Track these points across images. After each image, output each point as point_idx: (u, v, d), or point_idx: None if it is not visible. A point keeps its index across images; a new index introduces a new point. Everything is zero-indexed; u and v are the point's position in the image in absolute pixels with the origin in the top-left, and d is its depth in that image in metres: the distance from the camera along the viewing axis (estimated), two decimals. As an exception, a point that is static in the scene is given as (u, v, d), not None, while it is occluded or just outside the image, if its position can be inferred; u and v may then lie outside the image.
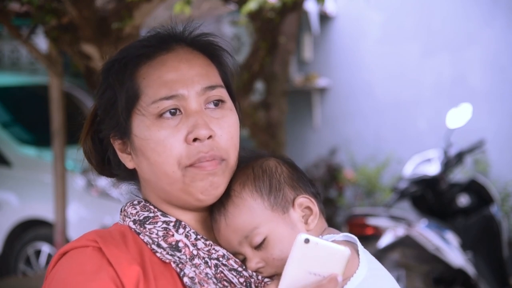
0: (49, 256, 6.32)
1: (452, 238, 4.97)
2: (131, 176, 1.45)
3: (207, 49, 1.42)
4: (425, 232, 4.83)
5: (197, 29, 1.44)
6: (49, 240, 6.17)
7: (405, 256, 4.83)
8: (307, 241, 1.19)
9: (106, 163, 1.47)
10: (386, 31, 8.29)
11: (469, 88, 7.87)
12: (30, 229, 6.45)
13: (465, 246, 5.08)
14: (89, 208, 6.37)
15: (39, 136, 6.84)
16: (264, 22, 5.26)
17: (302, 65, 8.78)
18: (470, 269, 4.85)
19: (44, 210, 6.25)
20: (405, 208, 6.43)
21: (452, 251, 4.79)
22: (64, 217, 5.29)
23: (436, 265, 4.80)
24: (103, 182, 6.37)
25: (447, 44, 8.01)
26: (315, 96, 8.70)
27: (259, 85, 6.63)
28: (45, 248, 6.35)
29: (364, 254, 1.36)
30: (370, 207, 7.70)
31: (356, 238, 1.39)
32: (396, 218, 5.08)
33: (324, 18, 8.49)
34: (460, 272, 4.82)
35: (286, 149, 6.04)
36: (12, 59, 10.02)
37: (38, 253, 6.41)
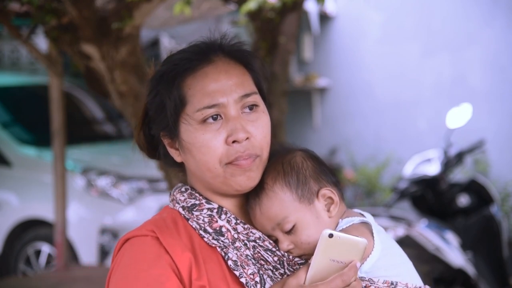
0: (49, 256, 6.32)
1: (452, 238, 4.97)
2: (177, 165, 1.68)
3: (242, 58, 1.65)
4: (425, 232, 4.83)
5: (232, 40, 1.68)
6: (49, 240, 6.17)
7: (405, 256, 4.82)
8: (331, 235, 1.42)
9: (157, 154, 1.70)
10: (386, 31, 8.29)
11: (469, 88, 7.87)
12: (30, 229, 6.45)
13: (465, 246, 5.08)
14: (89, 208, 6.37)
15: (39, 136, 6.83)
16: (264, 22, 5.25)
17: (302, 65, 8.79)
18: (470, 269, 4.84)
19: (44, 210, 6.25)
20: (405, 208, 6.43)
21: (452, 251, 4.79)
22: (64, 217, 5.29)
23: (436, 265, 4.80)
24: (103, 182, 6.37)
25: (447, 44, 8.01)
26: (315, 96, 8.70)
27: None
28: (45, 248, 6.35)
29: (378, 234, 1.57)
30: (370, 207, 7.70)
31: (371, 220, 1.62)
32: (396, 218, 5.08)
33: (324, 18, 8.50)
34: (460, 272, 4.82)
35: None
36: (12, 59, 10.02)
37: (38, 253, 6.41)
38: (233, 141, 1.55)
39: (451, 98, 7.75)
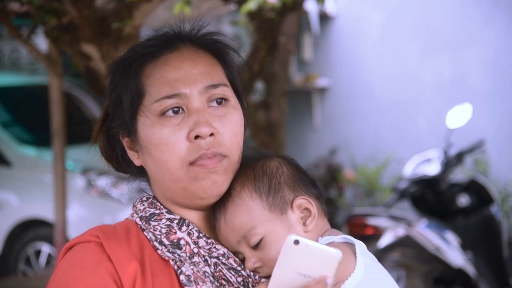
0: (49, 256, 6.32)
1: (452, 238, 4.97)
2: (141, 173, 1.48)
3: (212, 47, 1.45)
4: (425, 232, 4.83)
5: (203, 28, 1.46)
6: (49, 240, 6.17)
7: (405, 256, 4.83)
8: (296, 242, 1.18)
9: (120, 159, 1.49)
10: (386, 31, 8.29)
11: (469, 88, 7.87)
12: (30, 229, 6.45)
13: (465, 246, 5.08)
14: (89, 208, 6.37)
15: (39, 136, 6.83)
16: (264, 22, 5.26)
17: (302, 65, 8.78)
18: (470, 269, 4.84)
19: (44, 210, 6.25)
20: (405, 208, 6.43)
21: (452, 251, 4.79)
22: (64, 217, 5.29)
23: (436, 265, 4.80)
24: (103, 182, 6.37)
25: (447, 44, 8.01)
26: (315, 96, 8.70)
27: (259, 85, 6.63)
28: (45, 248, 6.35)
29: (363, 257, 1.35)
30: (370, 207, 7.70)
31: (356, 240, 1.38)
32: (396, 218, 5.08)
33: (324, 18, 8.49)
34: (460, 272, 4.82)
35: (286, 149, 6.04)
36: (12, 59, 10.01)
37: (38, 253, 6.41)
38: (196, 137, 1.35)
39: (451, 98, 7.75)
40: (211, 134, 1.36)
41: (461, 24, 7.93)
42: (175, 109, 1.37)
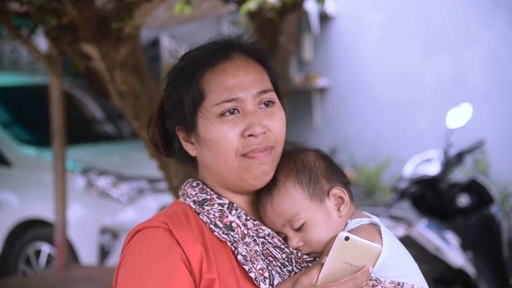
0: (49, 256, 6.31)
1: (452, 238, 4.97)
2: (190, 160, 1.69)
3: (259, 56, 1.68)
4: (425, 232, 4.83)
5: (250, 39, 1.70)
6: (49, 240, 6.17)
7: (405, 256, 4.82)
8: (347, 238, 1.42)
9: (175, 149, 1.71)
10: (386, 31, 8.29)
11: (469, 88, 7.87)
12: (30, 229, 6.45)
13: (465, 246, 5.08)
14: (89, 208, 6.37)
15: (39, 136, 6.83)
16: (264, 22, 5.25)
17: (302, 65, 8.78)
18: (470, 269, 4.84)
19: (44, 210, 6.25)
20: (405, 208, 6.43)
21: (452, 251, 4.79)
22: (64, 217, 5.29)
23: (436, 265, 4.80)
24: (103, 182, 6.37)
25: (447, 44, 8.01)
26: (315, 96, 8.70)
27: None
28: (45, 248, 6.34)
29: (386, 235, 1.58)
30: (370, 207, 7.70)
31: (379, 221, 1.62)
32: (396, 218, 5.08)
33: (324, 18, 8.50)
34: (460, 272, 4.82)
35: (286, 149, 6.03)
36: (12, 59, 10.01)
37: (38, 253, 6.41)
38: (250, 135, 1.58)
39: (451, 98, 7.75)
40: (263, 133, 1.59)
41: (461, 24, 7.93)
42: (232, 110, 1.59)
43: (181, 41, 8.85)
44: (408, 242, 4.83)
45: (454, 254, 4.79)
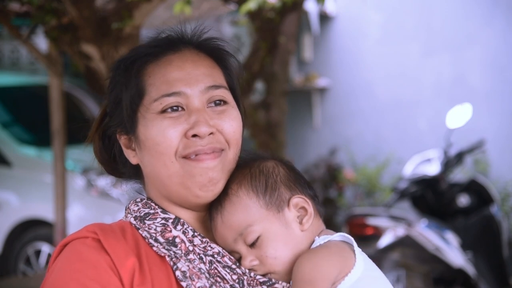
0: (49, 256, 6.31)
1: (452, 238, 4.97)
2: (136, 174, 1.51)
3: (214, 52, 1.47)
4: (425, 232, 4.83)
5: (205, 33, 1.48)
6: (49, 240, 6.17)
7: (405, 256, 4.83)
8: None
9: (113, 161, 1.52)
10: (386, 31, 8.29)
11: (469, 88, 7.87)
12: (30, 229, 6.45)
13: (465, 246, 5.08)
14: (89, 208, 6.37)
15: (39, 136, 6.83)
16: (264, 22, 5.26)
17: (302, 65, 8.78)
18: (470, 269, 4.84)
19: (44, 210, 6.25)
20: (405, 208, 6.43)
21: (452, 251, 4.79)
22: (64, 217, 5.28)
23: (436, 265, 4.80)
24: (103, 182, 6.37)
25: (447, 44, 8.01)
26: (315, 96, 8.70)
27: (259, 85, 6.63)
28: (45, 248, 6.35)
29: (360, 255, 1.39)
30: (370, 207, 7.70)
31: (352, 238, 1.41)
32: (396, 218, 5.08)
33: (324, 18, 8.49)
34: (460, 272, 4.82)
35: (286, 149, 6.03)
36: (12, 59, 10.01)
37: (38, 253, 6.41)
38: (194, 135, 1.37)
39: (451, 98, 7.75)
40: (210, 133, 1.38)
41: (461, 24, 7.93)
42: (174, 107, 1.39)
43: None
44: (408, 242, 4.83)
45: (454, 254, 4.79)
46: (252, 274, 1.40)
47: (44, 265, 6.34)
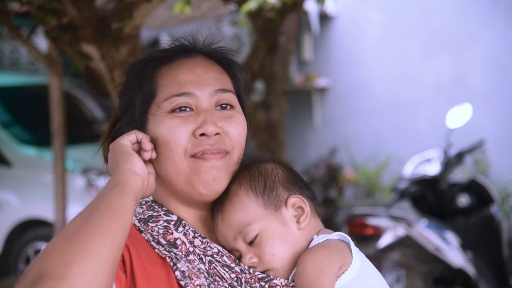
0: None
1: (452, 238, 4.97)
2: None
3: (223, 60, 1.56)
4: (425, 232, 4.83)
5: (216, 43, 1.58)
6: (49, 240, 6.17)
7: (405, 256, 4.83)
8: None
9: None
10: (386, 31, 8.29)
11: (469, 88, 7.87)
12: (30, 229, 6.45)
13: (465, 246, 5.08)
14: (89, 208, 6.36)
15: (39, 136, 6.83)
16: (264, 22, 5.26)
17: (302, 65, 8.78)
18: (470, 269, 4.84)
19: (44, 210, 6.25)
20: (405, 208, 6.43)
21: (452, 251, 4.79)
22: (64, 217, 5.28)
23: (436, 265, 4.80)
24: (103, 182, 6.36)
25: (447, 44, 8.01)
26: (315, 96, 8.70)
27: (259, 85, 6.63)
28: (45, 248, 6.34)
29: (357, 253, 1.45)
30: (370, 207, 7.70)
31: (349, 237, 1.47)
32: (396, 218, 5.08)
33: (324, 18, 8.49)
34: (460, 272, 4.82)
35: (286, 149, 6.04)
36: (12, 59, 10.01)
37: (38, 253, 6.40)
38: (201, 134, 1.44)
39: (451, 98, 7.75)
40: (217, 134, 1.45)
41: (461, 24, 7.93)
42: (183, 108, 1.46)
43: (181, 41, 8.84)
44: (408, 242, 4.83)
45: (454, 254, 4.79)
46: (251, 271, 1.46)
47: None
